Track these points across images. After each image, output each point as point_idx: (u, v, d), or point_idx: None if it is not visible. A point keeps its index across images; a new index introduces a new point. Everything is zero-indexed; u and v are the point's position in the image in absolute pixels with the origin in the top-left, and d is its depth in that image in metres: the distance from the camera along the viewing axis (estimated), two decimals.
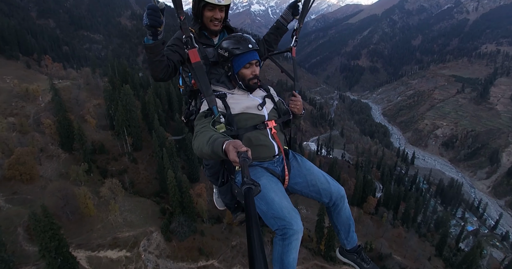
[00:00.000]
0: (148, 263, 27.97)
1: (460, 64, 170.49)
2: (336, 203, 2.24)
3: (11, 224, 27.26)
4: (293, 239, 1.82)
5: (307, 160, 2.40)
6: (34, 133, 38.70)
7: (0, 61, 59.99)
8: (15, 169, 31.01)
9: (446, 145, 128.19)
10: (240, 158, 1.34)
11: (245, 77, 2.20)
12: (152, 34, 1.91)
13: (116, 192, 32.24)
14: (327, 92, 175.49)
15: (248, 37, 2.22)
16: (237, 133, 2.10)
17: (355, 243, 2.42)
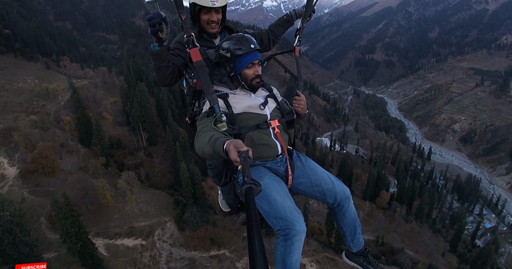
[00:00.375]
0: (162, 251, 29.43)
1: (479, 56, 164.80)
2: (341, 204, 2.20)
3: (35, 214, 29.23)
4: (295, 240, 1.81)
5: (311, 160, 2.40)
6: (55, 129, 40.92)
7: (21, 63, 62.99)
8: (37, 163, 33.07)
9: (464, 140, 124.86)
10: (241, 157, 1.36)
11: (248, 77, 2.22)
12: (158, 41, 2.01)
13: (132, 184, 33.87)
14: (341, 87, 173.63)
15: (249, 37, 2.25)
16: (239, 132, 2.11)
17: (362, 245, 2.37)
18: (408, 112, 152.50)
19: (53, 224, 28.14)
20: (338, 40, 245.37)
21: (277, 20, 2.80)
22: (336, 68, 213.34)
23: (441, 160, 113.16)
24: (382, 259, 43.59)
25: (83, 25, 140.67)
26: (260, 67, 2.27)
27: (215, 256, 31.50)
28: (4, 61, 60.41)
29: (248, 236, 0.83)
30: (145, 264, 27.97)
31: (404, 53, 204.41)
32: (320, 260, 37.68)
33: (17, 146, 36.52)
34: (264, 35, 2.75)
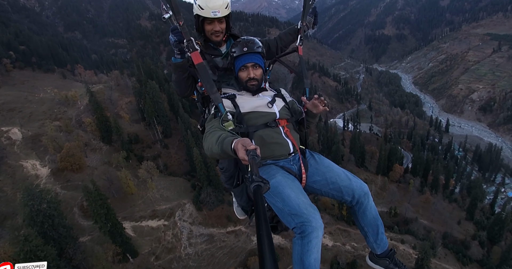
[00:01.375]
0: (183, 229, 32.90)
1: (495, 20, 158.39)
2: (360, 201, 2.12)
3: (68, 205, 33.23)
4: (312, 237, 1.74)
5: (325, 158, 2.36)
6: (78, 131, 45.10)
7: (39, 75, 67.91)
8: (66, 161, 37.19)
9: (483, 110, 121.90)
10: (249, 156, 1.37)
11: (242, 80, 2.25)
12: (180, 52, 2.13)
13: (152, 172, 37.45)
14: (352, 66, 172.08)
15: (248, 40, 2.27)
16: (247, 130, 2.11)
17: (386, 246, 2.26)
18: (423, 86, 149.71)
19: (85, 213, 32.18)
20: (346, 19, 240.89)
21: (287, 29, 2.85)
22: (346, 48, 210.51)
23: (460, 132, 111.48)
24: (395, 229, 45.42)
25: (92, 33, 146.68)
26: (258, 70, 2.26)
27: (232, 232, 34.68)
28: (24, 75, 65.45)
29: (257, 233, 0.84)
30: (169, 241, 31.52)
31: (416, 25, 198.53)
32: (333, 232, 40.14)
33: (46, 149, 40.83)
34: (272, 42, 2.78)
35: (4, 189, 33.47)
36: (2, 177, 34.85)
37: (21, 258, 20.39)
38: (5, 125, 44.26)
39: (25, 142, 41.80)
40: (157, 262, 29.60)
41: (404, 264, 2.24)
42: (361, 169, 60.47)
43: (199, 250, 31.69)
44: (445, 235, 47.37)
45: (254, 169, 1.26)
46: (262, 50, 2.28)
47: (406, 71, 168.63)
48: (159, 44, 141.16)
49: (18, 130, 43.54)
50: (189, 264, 30.23)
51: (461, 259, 42.95)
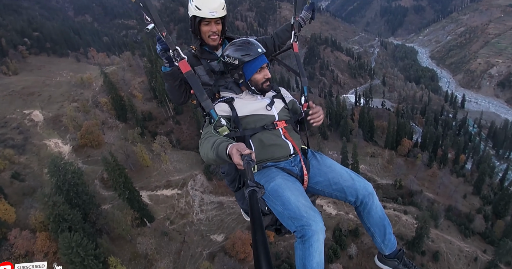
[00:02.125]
0: (195, 197, 35.95)
1: None
2: (364, 201, 2.06)
3: (90, 178, 36.55)
4: (313, 241, 1.71)
5: (328, 158, 2.33)
6: (95, 110, 48.20)
7: (54, 60, 71.06)
8: (86, 138, 40.44)
9: (502, 85, 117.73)
10: (243, 160, 1.38)
11: (258, 82, 2.22)
12: (168, 61, 2.18)
13: (165, 146, 40.32)
14: (366, 40, 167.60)
15: (252, 40, 2.26)
16: (243, 134, 2.10)
17: (395, 246, 2.18)
18: (440, 60, 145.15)
19: (105, 184, 35.58)
20: None
21: (284, 25, 2.81)
22: (361, 21, 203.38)
23: (476, 108, 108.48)
24: (399, 200, 47.27)
25: (102, 16, 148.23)
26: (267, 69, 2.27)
27: None
28: (40, 60, 68.74)
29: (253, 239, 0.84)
30: (182, 208, 34.68)
31: None
32: (336, 201, 42.39)
33: (66, 128, 44.18)
34: (268, 40, 2.76)
35: (31, 166, 37.13)
36: (28, 155, 38.51)
37: (51, 221, 23.68)
38: (26, 108, 47.79)
39: (47, 123, 45.26)
40: (172, 226, 32.90)
41: (414, 264, 2.18)
42: (369, 143, 61.79)
43: (209, 216, 34.79)
44: (449, 208, 48.86)
45: (249, 173, 1.28)
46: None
47: (423, 44, 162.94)
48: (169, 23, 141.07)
49: (39, 112, 47.00)
50: (200, 228, 33.44)
51: (463, 231, 44.63)
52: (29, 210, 27.65)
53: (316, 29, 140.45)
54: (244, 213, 2.58)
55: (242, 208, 2.45)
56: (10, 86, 51.84)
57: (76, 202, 26.99)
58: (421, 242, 37.52)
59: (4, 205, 27.16)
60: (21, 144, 38.84)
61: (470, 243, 43.37)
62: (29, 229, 26.10)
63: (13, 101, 48.26)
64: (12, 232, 25.48)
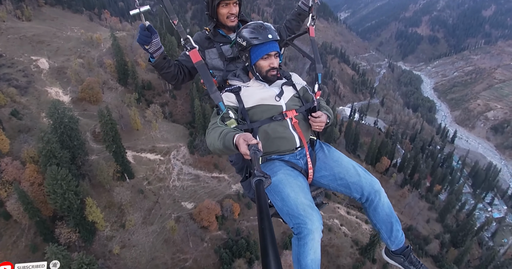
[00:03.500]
0: (175, 166, 39.24)
1: None
2: (370, 199, 2.08)
3: (82, 130, 39.30)
4: (308, 239, 1.77)
5: (336, 150, 2.33)
6: (99, 69, 51.01)
7: (68, 14, 73.35)
8: (85, 93, 43.32)
9: (495, 130, 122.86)
10: (250, 150, 1.40)
11: (263, 69, 2.18)
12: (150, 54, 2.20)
13: (157, 115, 43.45)
14: (376, 59, 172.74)
15: (269, 26, 2.19)
16: (251, 127, 2.09)
17: (402, 243, 2.21)
18: (442, 94, 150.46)
19: (96, 138, 38.65)
20: (382, 9, 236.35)
21: (289, 15, 2.80)
22: (375, 39, 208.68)
23: (465, 146, 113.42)
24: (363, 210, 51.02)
25: None
26: (278, 59, 2.22)
27: (216, 177, 40.95)
28: (54, 12, 70.94)
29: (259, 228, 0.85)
30: (161, 172, 37.94)
31: (452, 30, 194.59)
32: None
33: (69, 80, 46.88)
34: (282, 30, 2.75)
35: (30, 107, 39.97)
36: (29, 98, 41.31)
37: (42, 155, 26.72)
38: (34, 54, 50.33)
39: (51, 72, 47.93)
40: (149, 186, 36.18)
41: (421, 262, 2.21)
42: (350, 154, 65.67)
43: (185, 185, 38.16)
44: (410, 228, 52.95)
45: (256, 163, 1.31)
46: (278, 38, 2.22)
47: (430, 75, 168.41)
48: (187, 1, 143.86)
49: (46, 60, 49.61)
50: (174, 194, 36.79)
51: (417, 250, 48.73)
52: (22, 145, 30.56)
53: (329, 38, 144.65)
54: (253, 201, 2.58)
55: (249, 197, 2.42)
56: (22, 31, 54.14)
57: (67, 144, 29.97)
58: (373, 250, 41.27)
59: (0, 135, 30.05)
60: (24, 86, 41.51)
61: None
62: (20, 161, 29.12)
63: (22, 46, 50.68)
64: (4, 159, 28.46)
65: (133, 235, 31.24)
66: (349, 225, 45.99)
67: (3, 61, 45.21)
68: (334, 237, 42.42)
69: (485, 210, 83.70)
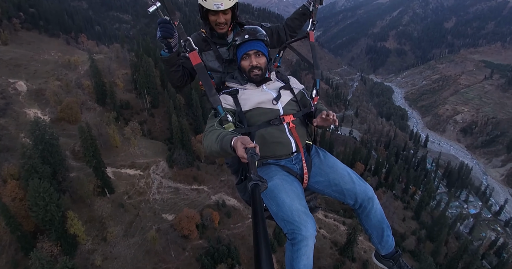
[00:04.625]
0: (154, 180, 40.55)
1: (492, 49, 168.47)
2: (363, 205, 2.14)
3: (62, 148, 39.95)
4: (302, 245, 1.80)
5: (332, 156, 2.37)
6: (77, 90, 52.31)
7: (44, 38, 74.68)
8: (64, 113, 44.46)
9: (464, 131, 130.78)
10: (247, 154, 1.41)
11: (245, 69, 2.24)
12: (167, 47, 2.16)
13: (136, 132, 44.89)
14: (348, 73, 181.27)
15: (250, 28, 2.26)
16: (248, 131, 2.12)
17: (391, 248, 2.30)
18: (413, 102, 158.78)
19: (75, 156, 39.63)
20: (351, 26, 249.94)
21: (293, 13, 2.79)
22: (347, 55, 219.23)
23: (438, 149, 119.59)
24: (341, 212, 53.53)
25: (98, 5, 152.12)
26: (261, 58, 2.24)
27: (195, 189, 42.41)
28: (31, 36, 72.15)
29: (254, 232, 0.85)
30: (141, 187, 39.11)
31: (417, 42, 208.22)
32: None
33: (47, 102, 47.91)
34: (281, 30, 2.75)
35: (9, 128, 40.74)
36: (7, 119, 42.11)
37: (24, 170, 27.82)
38: (11, 77, 51.25)
39: (29, 94, 48.93)
40: (129, 200, 37.22)
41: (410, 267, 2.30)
42: None
43: (165, 197, 39.42)
44: None
45: (253, 167, 1.31)
46: (266, 37, 2.26)
47: (400, 85, 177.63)
48: None
49: (23, 83, 50.60)
50: (154, 207, 37.93)
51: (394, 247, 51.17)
52: (3, 163, 31.38)
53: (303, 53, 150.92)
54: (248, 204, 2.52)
55: (244, 200, 2.49)
56: None
57: (48, 160, 30.97)
58: (351, 249, 43.26)
59: None
60: (2, 108, 42.29)
61: None
62: (1, 179, 29.90)
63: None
64: None
65: (115, 247, 32.02)
66: (328, 228, 48.01)
67: None
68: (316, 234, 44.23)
69: (461, 207, 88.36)
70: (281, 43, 2.78)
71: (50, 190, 26.10)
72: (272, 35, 2.71)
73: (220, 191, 43.76)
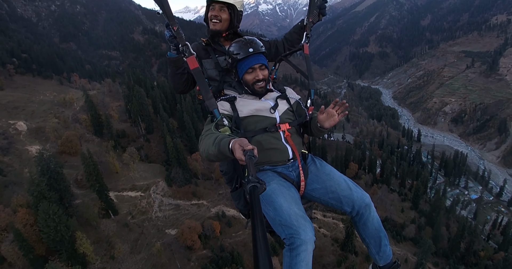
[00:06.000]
0: (155, 199, 43.00)
1: (470, 39, 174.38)
2: (360, 213, 2.16)
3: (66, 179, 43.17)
4: (301, 250, 1.76)
5: (328, 164, 2.40)
6: (75, 124, 55.60)
7: (38, 81, 79.06)
8: (65, 146, 47.47)
9: (455, 121, 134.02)
10: (246, 156, 1.41)
11: (248, 82, 2.27)
12: (175, 48, 2.19)
13: (134, 157, 47.72)
14: (335, 82, 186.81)
15: (251, 39, 2.30)
16: (244, 136, 2.12)
17: (389, 258, 2.28)
18: (402, 100, 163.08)
19: (79, 185, 42.24)
20: (333, 37, 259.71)
21: (292, 28, 2.87)
22: (332, 64, 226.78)
23: (432, 142, 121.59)
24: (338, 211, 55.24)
25: (86, 45, 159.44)
26: (265, 70, 2.29)
27: (195, 204, 44.76)
28: (25, 80, 76.50)
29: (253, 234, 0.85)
30: (143, 206, 41.52)
31: (398, 43, 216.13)
32: None
33: (48, 138, 50.95)
34: (279, 43, 2.84)
35: (13, 165, 43.58)
36: (11, 157, 45.03)
37: (34, 196, 30.38)
38: (11, 119, 54.61)
39: (30, 132, 52.09)
40: (133, 220, 39.51)
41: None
42: None
43: (167, 214, 41.71)
44: (386, 219, 57.19)
45: (251, 169, 1.31)
46: (265, 50, 2.32)
47: (387, 86, 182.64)
48: (151, 57, 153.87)
49: (23, 123, 53.88)
50: (157, 224, 40.16)
51: (396, 237, 52.79)
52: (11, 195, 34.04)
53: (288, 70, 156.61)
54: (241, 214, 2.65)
55: (238, 208, 2.48)
56: None
57: (55, 187, 33.55)
58: (352, 242, 44.93)
59: None
60: (5, 147, 45.25)
61: (402, 247, 50.94)
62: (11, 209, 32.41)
63: None
64: None
65: (123, 264, 34.02)
66: (327, 227, 49.87)
67: None
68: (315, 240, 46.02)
69: (462, 194, 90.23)
70: (277, 57, 2.85)
71: (59, 212, 28.55)
72: (270, 48, 2.81)
73: (219, 204, 46.02)
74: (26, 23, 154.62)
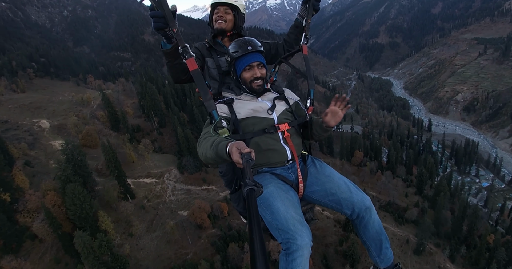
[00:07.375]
0: (169, 185, 47.36)
1: (482, 25, 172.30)
2: (360, 216, 2.12)
3: None
4: (297, 255, 1.75)
5: (328, 166, 2.37)
6: (94, 120, 60.73)
7: (56, 83, 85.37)
8: (86, 139, 52.43)
9: (467, 110, 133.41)
10: (243, 159, 1.41)
11: (246, 80, 2.29)
12: (166, 38, 2.09)
13: (149, 148, 52.26)
14: (344, 74, 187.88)
15: (250, 39, 2.32)
16: (243, 138, 2.14)
17: (390, 261, 2.24)
18: (413, 90, 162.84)
19: (99, 173, 47.00)
20: (342, 29, 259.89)
21: (289, 28, 2.87)
22: (342, 57, 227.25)
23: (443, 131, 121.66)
24: None
25: (99, 48, 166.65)
26: (263, 69, 2.31)
27: (205, 189, 48.90)
28: (44, 82, 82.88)
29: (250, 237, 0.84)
30: (158, 191, 45.95)
31: (408, 32, 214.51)
32: None
33: (69, 134, 56.04)
34: (280, 46, 2.86)
35: (39, 158, 48.71)
36: (37, 150, 50.23)
37: (61, 180, 35.00)
38: (34, 118, 60.14)
39: (52, 129, 57.39)
40: (148, 203, 43.98)
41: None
42: (326, 155, 73.98)
43: (179, 198, 46.00)
44: (389, 203, 59.75)
45: (248, 172, 1.31)
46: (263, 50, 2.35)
47: (398, 77, 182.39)
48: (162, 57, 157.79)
49: (46, 121, 59.28)
50: (171, 206, 44.50)
51: (398, 219, 55.33)
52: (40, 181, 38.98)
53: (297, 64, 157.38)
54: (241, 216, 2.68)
55: (238, 210, 2.52)
56: (20, 101, 64.56)
57: (79, 173, 38.20)
58: None
59: (21, 176, 38.64)
60: (31, 142, 50.48)
61: (404, 229, 53.43)
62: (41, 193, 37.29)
63: (22, 112, 60.67)
64: (29, 191, 36.77)
65: (140, 240, 38.46)
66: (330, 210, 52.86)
67: (10, 125, 54.59)
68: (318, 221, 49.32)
69: (473, 182, 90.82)
70: (276, 59, 2.87)
71: (83, 192, 33.07)
72: (270, 50, 2.84)
73: (227, 189, 49.83)
74: (40, 29, 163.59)
